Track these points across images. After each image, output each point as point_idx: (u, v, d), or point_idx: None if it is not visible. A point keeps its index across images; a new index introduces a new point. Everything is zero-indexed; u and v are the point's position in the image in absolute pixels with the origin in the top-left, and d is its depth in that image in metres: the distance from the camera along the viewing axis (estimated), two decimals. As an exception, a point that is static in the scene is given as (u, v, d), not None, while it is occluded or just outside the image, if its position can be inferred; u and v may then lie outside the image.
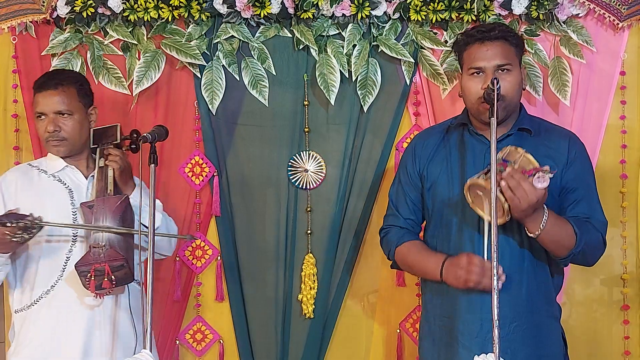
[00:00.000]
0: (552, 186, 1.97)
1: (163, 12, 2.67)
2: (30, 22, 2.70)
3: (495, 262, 1.81)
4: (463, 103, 2.23)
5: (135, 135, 2.47)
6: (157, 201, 2.44)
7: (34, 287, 2.29)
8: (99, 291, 2.16)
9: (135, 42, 2.72)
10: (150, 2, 2.66)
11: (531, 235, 2.02)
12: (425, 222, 2.32)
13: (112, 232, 2.21)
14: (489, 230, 1.90)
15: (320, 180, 2.80)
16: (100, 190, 2.30)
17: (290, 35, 2.74)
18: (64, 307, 2.26)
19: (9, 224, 2.06)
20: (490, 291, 1.99)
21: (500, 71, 2.09)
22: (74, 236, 2.29)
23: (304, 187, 2.79)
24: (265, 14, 2.67)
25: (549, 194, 1.98)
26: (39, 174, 2.37)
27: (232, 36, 2.72)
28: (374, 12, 2.69)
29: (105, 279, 2.14)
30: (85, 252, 2.20)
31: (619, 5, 2.69)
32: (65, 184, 2.35)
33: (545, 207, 1.98)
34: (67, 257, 2.27)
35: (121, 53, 2.74)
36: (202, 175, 2.76)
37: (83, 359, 2.24)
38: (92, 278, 2.13)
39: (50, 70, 2.64)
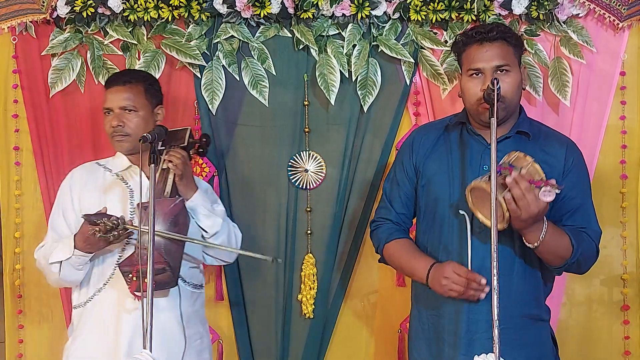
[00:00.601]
0: None
1: (163, 12, 2.67)
2: (30, 22, 2.70)
3: (495, 262, 1.80)
4: (463, 103, 2.23)
5: (204, 139, 2.48)
6: (220, 206, 2.44)
7: (89, 285, 2.31)
8: (139, 293, 2.13)
9: (135, 42, 2.72)
10: (150, 2, 2.66)
11: (529, 245, 2.02)
12: (416, 218, 2.31)
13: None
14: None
15: (320, 180, 2.80)
16: (158, 191, 2.27)
17: (290, 35, 2.74)
18: (111, 307, 2.27)
19: (100, 223, 2.11)
20: (474, 301, 2.04)
21: (499, 72, 2.09)
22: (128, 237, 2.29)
23: (304, 187, 2.79)
24: (265, 14, 2.67)
25: None
26: (104, 172, 2.39)
27: (232, 36, 2.72)
28: (374, 12, 2.69)
29: (146, 282, 2.09)
30: (131, 253, 2.19)
31: (619, 5, 2.69)
32: (127, 184, 2.36)
33: (545, 218, 1.98)
34: (119, 257, 2.27)
35: (121, 53, 2.74)
36: (202, 175, 2.76)
37: None
38: (134, 279, 2.12)
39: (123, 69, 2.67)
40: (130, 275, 2.12)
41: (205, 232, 2.33)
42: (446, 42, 2.73)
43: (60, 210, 2.38)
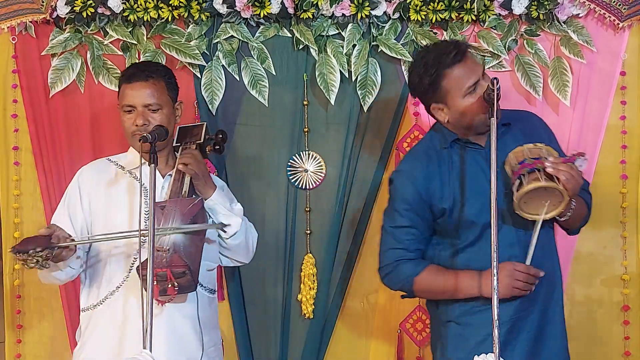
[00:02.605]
0: None
1: (163, 12, 2.67)
2: (30, 22, 2.70)
3: (495, 254, 1.80)
4: (459, 123, 2.15)
5: (220, 136, 2.39)
6: (239, 205, 2.36)
7: (100, 287, 2.21)
8: (162, 297, 2.04)
9: (135, 42, 2.72)
10: (150, 2, 2.66)
11: (563, 218, 2.07)
12: (438, 241, 2.23)
13: (113, 237, 2.14)
14: (539, 227, 2.00)
15: (320, 180, 2.80)
16: (175, 191, 2.19)
17: (290, 35, 2.74)
18: (125, 311, 2.16)
19: (18, 255, 1.98)
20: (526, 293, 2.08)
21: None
22: (143, 238, 2.18)
23: (303, 187, 2.79)
24: (265, 13, 2.67)
25: None
26: (116, 169, 2.29)
27: (232, 36, 2.72)
28: (373, 12, 2.69)
29: (169, 285, 2.01)
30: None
31: (619, 5, 2.69)
32: (142, 183, 2.24)
33: None
34: (134, 258, 2.17)
35: (121, 53, 2.74)
36: (201, 175, 2.75)
37: None
38: (155, 283, 1.99)
39: (138, 62, 2.61)
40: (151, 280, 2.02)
41: (224, 232, 2.25)
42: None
43: (66, 210, 2.27)
